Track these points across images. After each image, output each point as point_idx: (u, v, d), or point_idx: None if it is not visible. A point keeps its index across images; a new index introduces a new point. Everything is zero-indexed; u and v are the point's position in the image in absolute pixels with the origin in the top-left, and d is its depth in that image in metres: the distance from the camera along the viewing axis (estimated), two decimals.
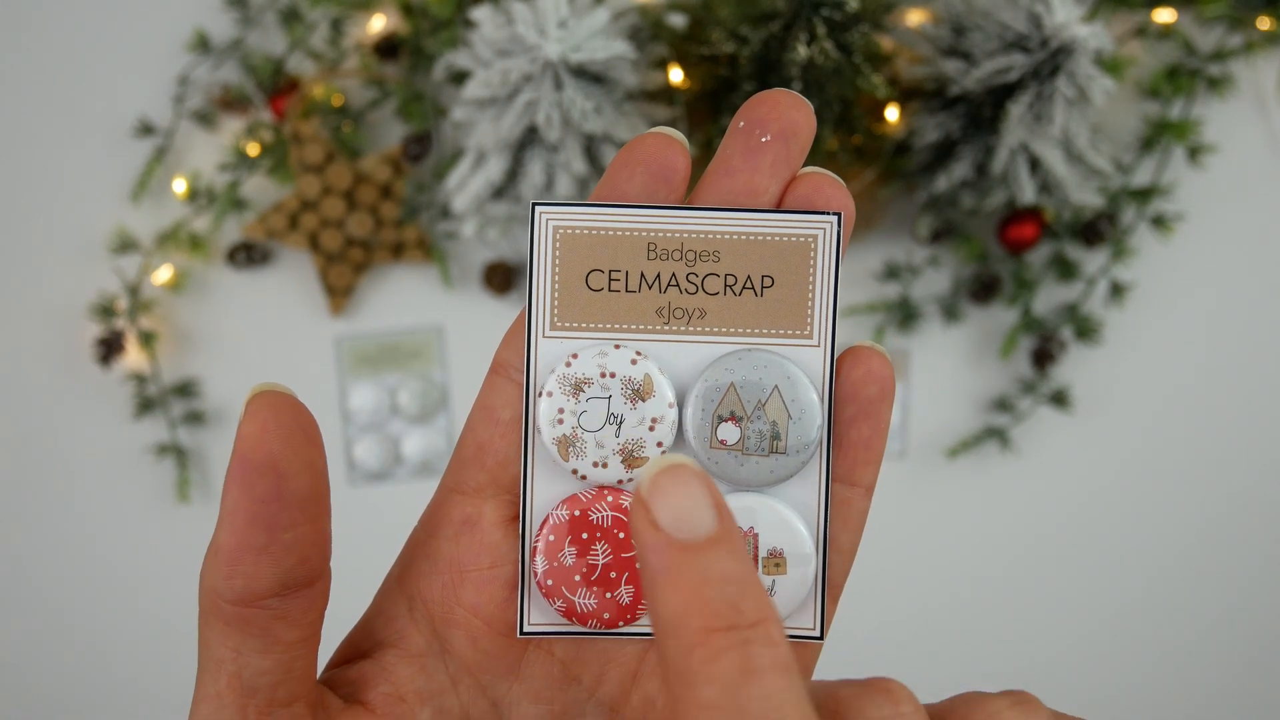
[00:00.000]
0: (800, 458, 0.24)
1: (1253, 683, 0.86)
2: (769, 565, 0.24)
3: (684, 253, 0.24)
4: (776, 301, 0.24)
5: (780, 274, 0.24)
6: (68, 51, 0.79)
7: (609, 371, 0.24)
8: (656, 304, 0.24)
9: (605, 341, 0.24)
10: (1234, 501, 0.84)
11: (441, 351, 0.81)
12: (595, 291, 0.24)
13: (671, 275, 0.24)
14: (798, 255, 0.24)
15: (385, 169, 0.76)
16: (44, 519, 0.83)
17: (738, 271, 0.24)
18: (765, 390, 0.24)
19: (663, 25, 0.66)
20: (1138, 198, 0.76)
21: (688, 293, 0.24)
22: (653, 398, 0.24)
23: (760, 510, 0.24)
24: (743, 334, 0.24)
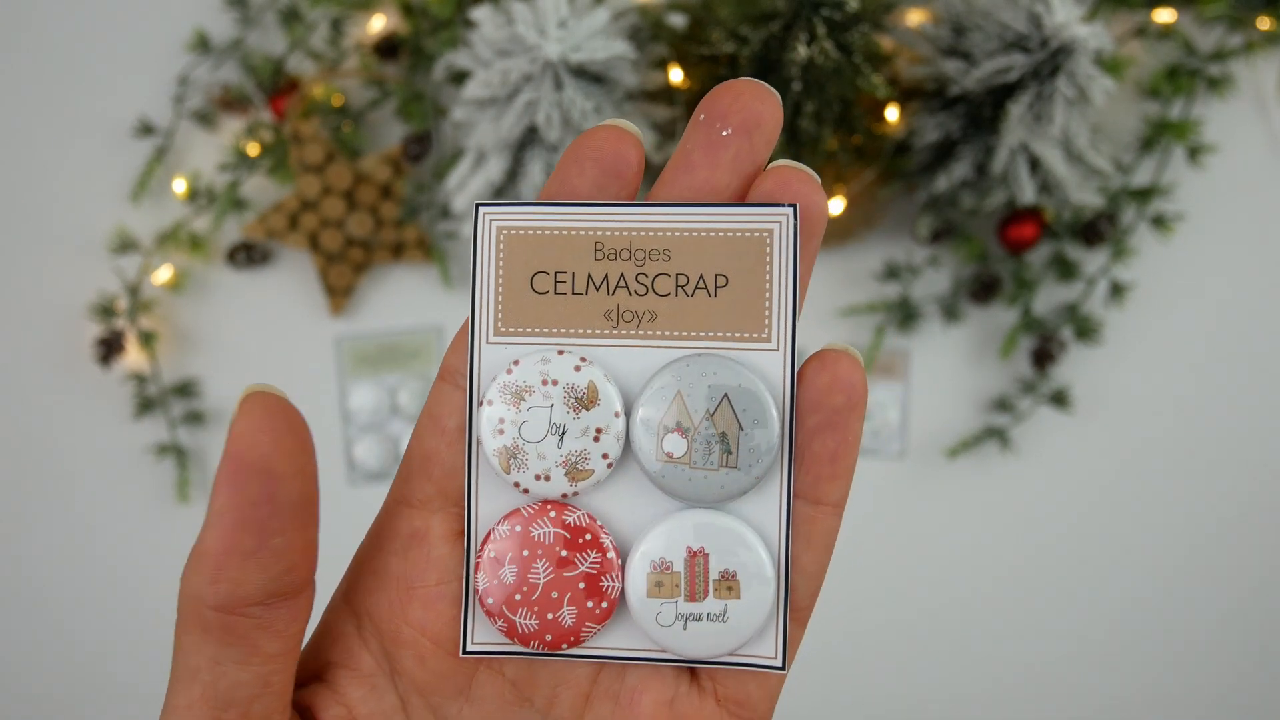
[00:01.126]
0: (754, 472, 0.22)
1: (1255, 682, 0.86)
2: (720, 588, 0.22)
3: (633, 252, 0.22)
4: (731, 302, 0.22)
5: (734, 273, 0.22)
6: (68, 51, 0.79)
7: (551, 379, 0.22)
8: (605, 306, 0.22)
9: (549, 347, 0.23)
10: (1234, 501, 0.84)
11: (441, 351, 0.81)
12: (540, 294, 0.23)
13: (620, 276, 0.22)
14: (752, 252, 0.22)
15: (385, 169, 0.76)
16: (44, 519, 0.83)
17: (689, 271, 0.22)
18: (714, 399, 0.22)
19: (663, 25, 0.66)
20: (1138, 198, 0.76)
21: (637, 294, 0.22)
22: (597, 406, 0.22)
23: (711, 528, 0.22)
24: (696, 337, 0.22)
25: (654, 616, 0.22)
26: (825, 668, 0.85)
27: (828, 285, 0.82)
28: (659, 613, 0.22)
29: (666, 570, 0.22)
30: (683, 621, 0.22)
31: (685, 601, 0.22)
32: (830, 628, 0.86)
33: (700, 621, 0.22)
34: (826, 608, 0.90)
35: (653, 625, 0.22)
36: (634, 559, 0.22)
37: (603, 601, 0.22)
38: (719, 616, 0.22)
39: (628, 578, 0.22)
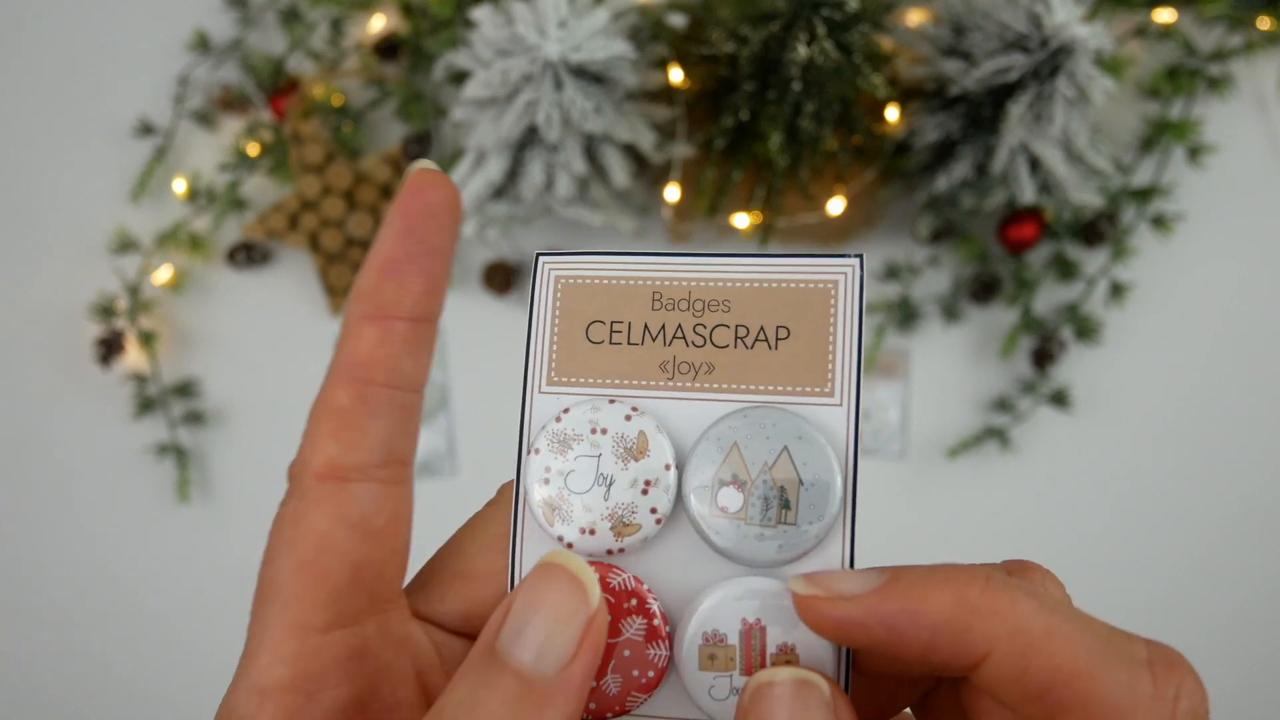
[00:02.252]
0: (814, 530, 0.20)
1: (1256, 681, 0.86)
2: (778, 662, 0.20)
3: (691, 302, 0.21)
4: (792, 355, 0.21)
5: (796, 324, 0.21)
6: (68, 51, 0.79)
7: (600, 427, 0.21)
8: (660, 357, 0.21)
9: (600, 396, 0.22)
10: (1234, 499, 0.84)
11: (441, 351, 0.81)
12: (596, 344, 0.22)
13: (678, 326, 0.21)
14: (816, 303, 0.21)
15: (385, 169, 0.76)
16: (44, 518, 0.83)
17: (749, 322, 0.21)
18: (773, 451, 0.21)
19: (663, 25, 0.66)
20: (1138, 198, 0.76)
21: (695, 345, 0.21)
22: (647, 458, 0.21)
23: (768, 597, 0.20)
24: (755, 390, 0.21)
25: (707, 690, 0.20)
26: None
27: None
28: (712, 686, 0.20)
29: (720, 643, 0.20)
30: (737, 695, 0.20)
31: (740, 675, 0.20)
32: None
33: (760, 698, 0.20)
34: None
35: (705, 698, 0.20)
36: (686, 632, 0.20)
37: (649, 671, 0.21)
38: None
39: (679, 649, 0.21)
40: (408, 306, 0.20)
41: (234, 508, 0.82)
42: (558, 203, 0.68)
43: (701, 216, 0.72)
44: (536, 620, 0.18)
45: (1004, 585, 0.20)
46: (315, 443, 0.20)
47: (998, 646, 0.19)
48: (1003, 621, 0.19)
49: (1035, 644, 0.19)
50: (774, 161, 0.67)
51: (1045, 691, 0.19)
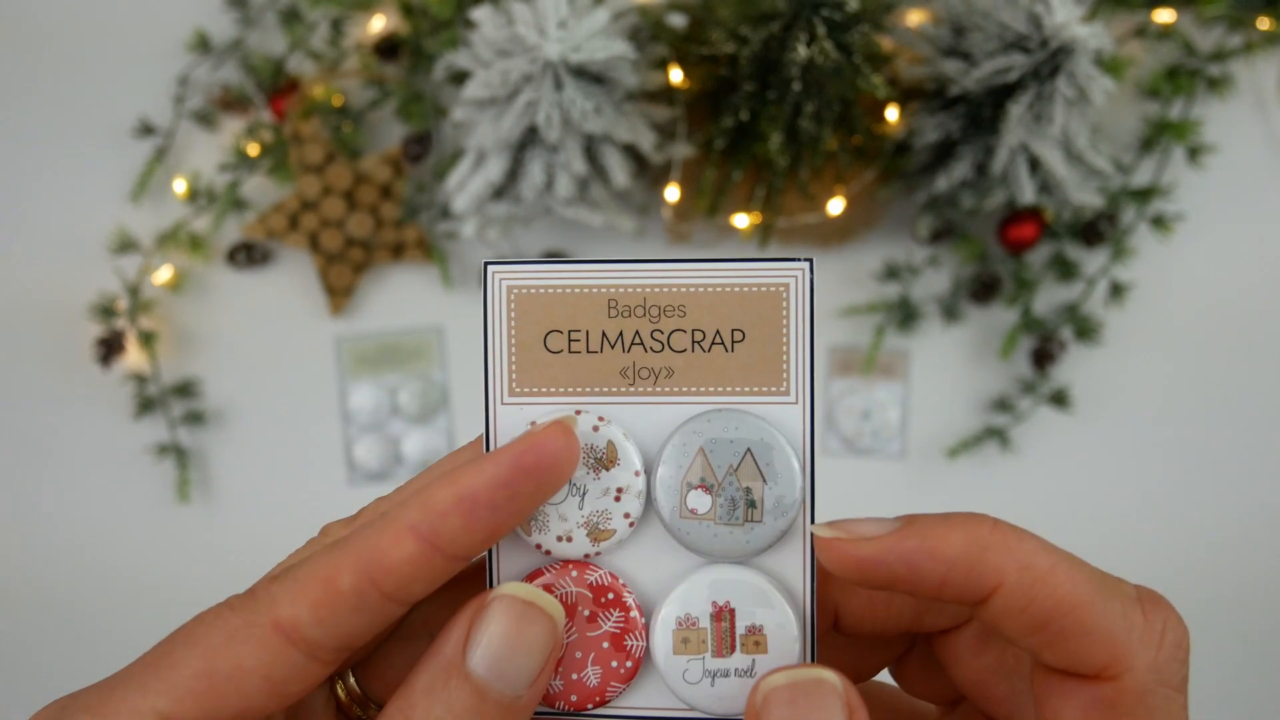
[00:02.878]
0: (778, 526, 0.22)
1: (1256, 680, 0.86)
2: (747, 644, 0.22)
3: (647, 308, 0.22)
4: (748, 356, 0.22)
5: (751, 327, 0.22)
6: (68, 51, 0.79)
7: None
8: (620, 364, 0.22)
9: (566, 407, 0.22)
10: (1234, 500, 0.84)
11: (442, 351, 0.81)
12: (555, 354, 0.22)
13: (635, 333, 0.22)
14: (769, 306, 0.22)
15: (385, 169, 0.76)
16: (44, 519, 0.83)
17: (705, 326, 0.22)
18: (737, 454, 0.22)
19: (663, 25, 0.66)
20: (1138, 198, 0.76)
21: (653, 351, 0.22)
22: (617, 466, 0.22)
23: (736, 584, 0.22)
24: (714, 392, 0.22)
25: (681, 673, 0.22)
26: None
27: (828, 285, 0.82)
28: (686, 669, 0.22)
29: (693, 627, 0.22)
30: (710, 678, 0.22)
31: (712, 658, 0.22)
32: None
33: (728, 677, 0.22)
34: None
35: (680, 683, 0.22)
36: (659, 616, 0.22)
37: (627, 660, 0.22)
38: (746, 672, 0.22)
39: (653, 635, 0.22)
40: (460, 549, 0.20)
41: (234, 508, 0.82)
42: (558, 203, 0.68)
43: (701, 216, 0.72)
44: (523, 654, 0.20)
45: (1010, 526, 0.22)
46: (296, 595, 0.20)
47: (1007, 579, 0.21)
48: (1011, 556, 0.21)
49: (1041, 577, 0.21)
50: (774, 161, 0.67)
51: (1049, 621, 0.21)
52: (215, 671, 0.20)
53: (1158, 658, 0.21)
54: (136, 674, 0.21)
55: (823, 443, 0.84)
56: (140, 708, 0.19)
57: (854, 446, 0.83)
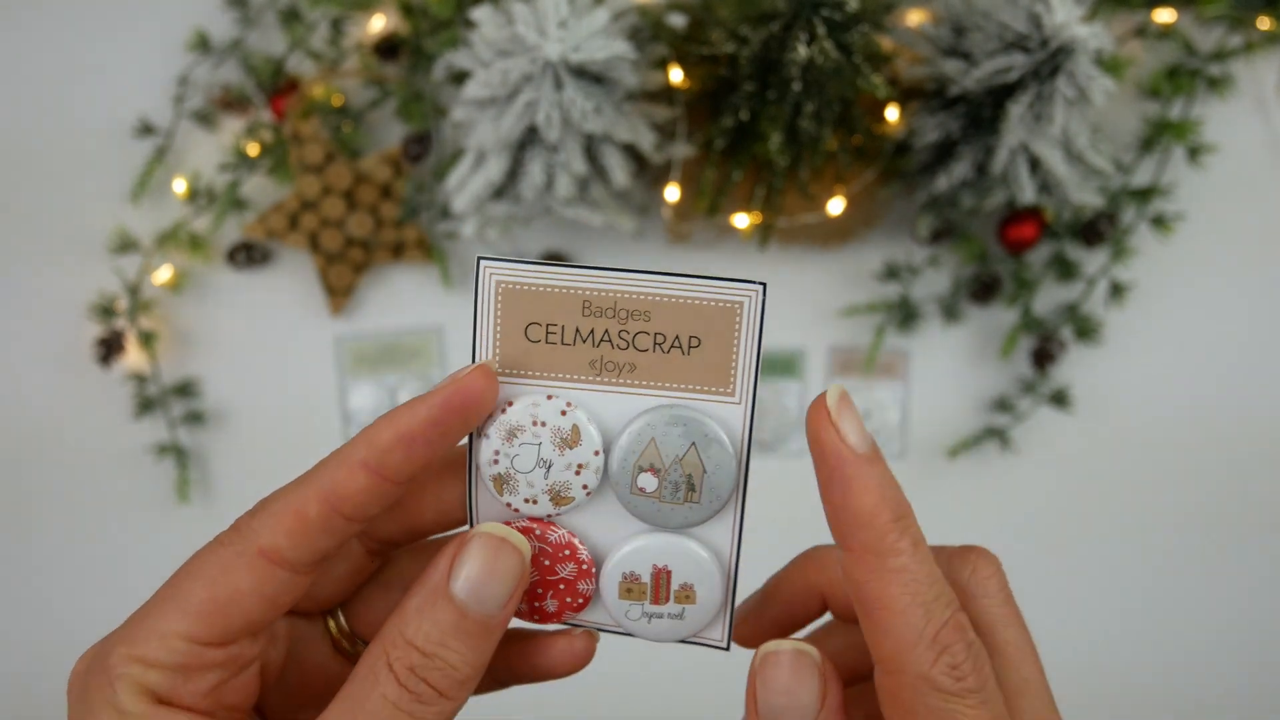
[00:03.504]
0: (713, 507, 0.27)
1: (1257, 679, 0.86)
2: (679, 596, 0.27)
3: (617, 311, 0.25)
4: (702, 360, 0.26)
5: (706, 335, 0.25)
6: (68, 51, 0.79)
7: (540, 420, 0.26)
8: (590, 357, 0.26)
9: (539, 391, 0.26)
10: (1234, 500, 0.84)
11: (441, 351, 0.81)
12: (533, 343, 0.26)
13: (605, 331, 0.25)
14: (724, 319, 0.25)
15: (385, 169, 0.76)
16: (44, 518, 0.83)
17: (667, 331, 0.25)
18: (683, 447, 0.26)
19: (663, 25, 0.66)
20: (1138, 198, 0.76)
21: (619, 348, 0.26)
22: (579, 446, 0.26)
23: (674, 549, 0.27)
24: (670, 388, 0.26)
25: (624, 613, 0.28)
26: None
27: (828, 285, 0.82)
28: (628, 610, 0.28)
29: (635, 581, 0.27)
30: (647, 618, 0.28)
31: (650, 604, 0.27)
32: None
33: (662, 619, 0.28)
34: None
35: (623, 618, 0.28)
36: (607, 569, 0.27)
37: (579, 599, 0.28)
38: (677, 616, 0.28)
39: (602, 583, 0.27)
40: (404, 475, 0.24)
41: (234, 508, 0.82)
42: (558, 203, 0.68)
43: (701, 216, 0.72)
44: (497, 580, 0.24)
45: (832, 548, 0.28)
46: (274, 527, 0.25)
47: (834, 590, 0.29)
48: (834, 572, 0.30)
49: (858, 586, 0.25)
50: (774, 161, 0.67)
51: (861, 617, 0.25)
52: (218, 596, 0.25)
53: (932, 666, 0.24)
54: (155, 607, 0.25)
55: None
56: (166, 633, 0.24)
57: None
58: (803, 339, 0.82)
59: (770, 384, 0.83)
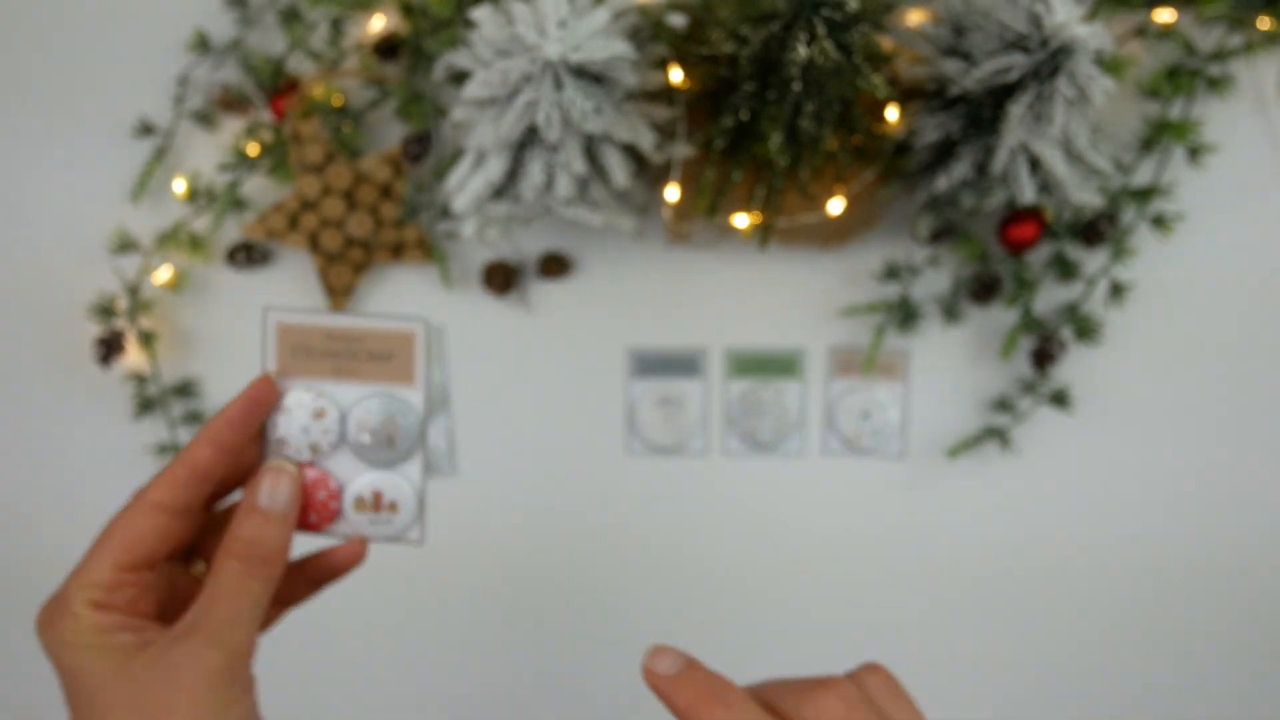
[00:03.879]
0: (405, 453, 0.45)
1: (1257, 680, 0.86)
2: (389, 509, 0.45)
3: (346, 337, 0.44)
4: (395, 366, 0.44)
5: (397, 351, 0.44)
6: (68, 51, 0.79)
7: (301, 404, 0.44)
8: (331, 365, 0.44)
9: (301, 386, 0.44)
10: (1235, 499, 0.84)
11: (442, 350, 0.81)
12: (296, 358, 0.44)
13: (339, 349, 0.44)
14: (405, 342, 0.44)
15: (385, 169, 0.76)
16: (44, 519, 0.83)
17: (375, 349, 0.44)
18: (388, 415, 0.44)
19: (663, 25, 0.66)
20: (1138, 198, 0.76)
21: (348, 359, 0.44)
22: (325, 418, 0.44)
23: (384, 480, 0.45)
24: (378, 382, 0.44)
25: (357, 522, 0.45)
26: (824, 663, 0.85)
27: (828, 285, 0.82)
28: (359, 519, 0.45)
29: (362, 501, 0.45)
30: (371, 524, 0.45)
31: (371, 513, 0.45)
32: (830, 627, 0.86)
33: (379, 524, 0.45)
34: (826, 607, 0.90)
35: (358, 524, 0.45)
36: (347, 494, 0.44)
37: (331, 514, 0.45)
38: (388, 522, 0.45)
39: (345, 503, 0.45)
40: (231, 447, 0.41)
41: None
42: (558, 203, 0.68)
43: (701, 216, 0.72)
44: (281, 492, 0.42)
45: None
46: (159, 486, 0.40)
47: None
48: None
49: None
50: (774, 161, 0.67)
51: None
52: (129, 535, 0.40)
53: None
54: (92, 550, 0.41)
55: (823, 442, 0.84)
56: (100, 564, 0.40)
57: (854, 446, 0.83)
58: (803, 339, 0.82)
59: (770, 384, 0.83)
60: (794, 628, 0.84)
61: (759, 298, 0.82)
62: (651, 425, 0.82)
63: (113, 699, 0.39)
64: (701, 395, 0.83)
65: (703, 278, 0.82)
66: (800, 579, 0.84)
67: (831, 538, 0.84)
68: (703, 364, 0.83)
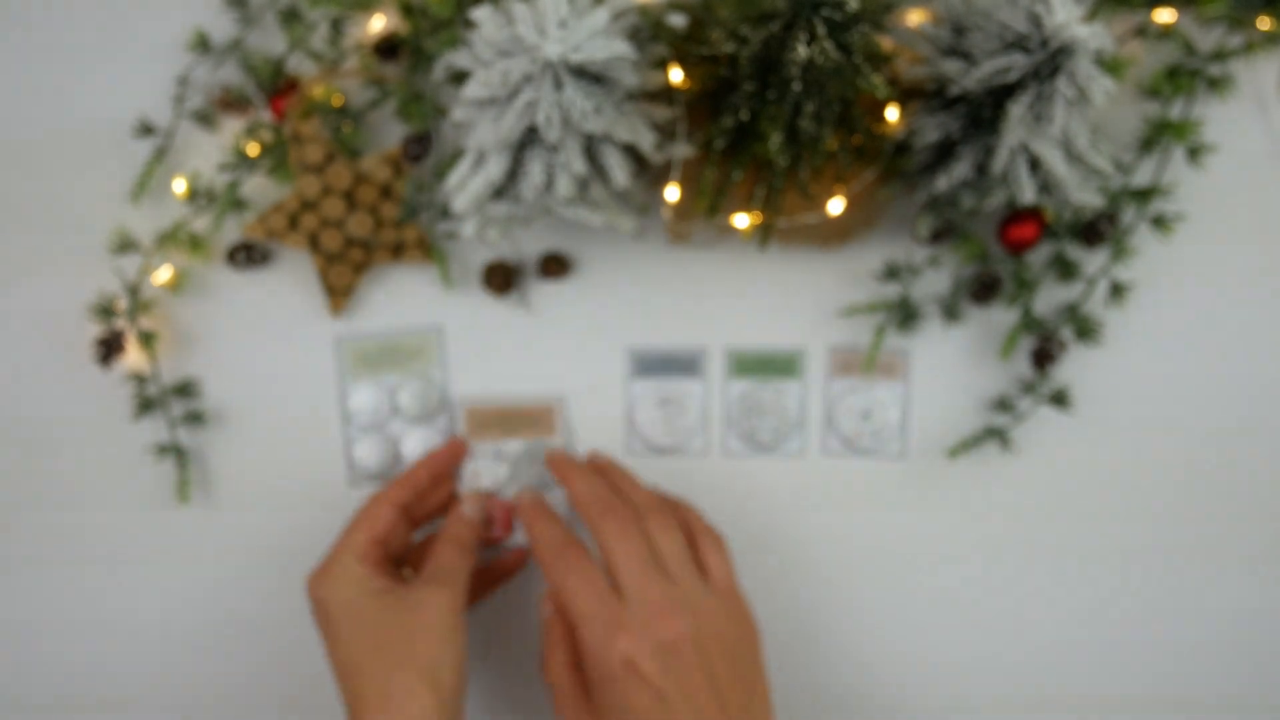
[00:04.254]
0: (553, 483, 0.71)
1: (1258, 681, 0.86)
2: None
3: (510, 412, 0.74)
4: (543, 426, 0.74)
5: (542, 418, 0.74)
6: (68, 51, 0.79)
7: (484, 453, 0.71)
8: (503, 429, 0.71)
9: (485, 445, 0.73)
10: (1235, 500, 0.84)
11: (442, 351, 0.81)
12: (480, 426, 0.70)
13: (504, 423, 0.71)
14: (549, 412, 0.68)
15: (385, 169, 0.77)
16: (43, 519, 0.83)
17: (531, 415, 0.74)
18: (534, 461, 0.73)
19: (663, 25, 0.66)
20: (1138, 198, 0.76)
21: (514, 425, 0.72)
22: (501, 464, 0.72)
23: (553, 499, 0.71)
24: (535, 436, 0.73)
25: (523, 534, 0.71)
26: (824, 666, 0.85)
27: (828, 285, 0.82)
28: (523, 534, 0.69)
29: None
30: None
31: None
32: (829, 627, 0.86)
33: None
34: (825, 607, 0.90)
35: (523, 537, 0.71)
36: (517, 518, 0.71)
37: (507, 529, 0.70)
38: None
39: (516, 524, 0.71)
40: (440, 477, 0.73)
41: (234, 508, 0.82)
42: (558, 203, 0.68)
43: (701, 216, 0.72)
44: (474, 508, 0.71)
45: None
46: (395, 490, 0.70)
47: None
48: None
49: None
50: (774, 161, 0.67)
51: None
52: (374, 519, 0.66)
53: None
54: (349, 530, 0.65)
55: (822, 442, 0.84)
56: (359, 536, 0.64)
57: (854, 446, 0.83)
58: (803, 339, 0.82)
59: (770, 384, 0.83)
60: (794, 627, 0.84)
61: (759, 298, 0.82)
62: (651, 425, 0.82)
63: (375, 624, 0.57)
64: (702, 395, 0.83)
65: (703, 278, 0.82)
66: (800, 578, 0.84)
67: (831, 537, 0.84)
68: (703, 364, 0.83)
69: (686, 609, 0.61)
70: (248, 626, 0.83)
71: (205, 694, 0.84)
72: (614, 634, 0.58)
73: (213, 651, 0.84)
